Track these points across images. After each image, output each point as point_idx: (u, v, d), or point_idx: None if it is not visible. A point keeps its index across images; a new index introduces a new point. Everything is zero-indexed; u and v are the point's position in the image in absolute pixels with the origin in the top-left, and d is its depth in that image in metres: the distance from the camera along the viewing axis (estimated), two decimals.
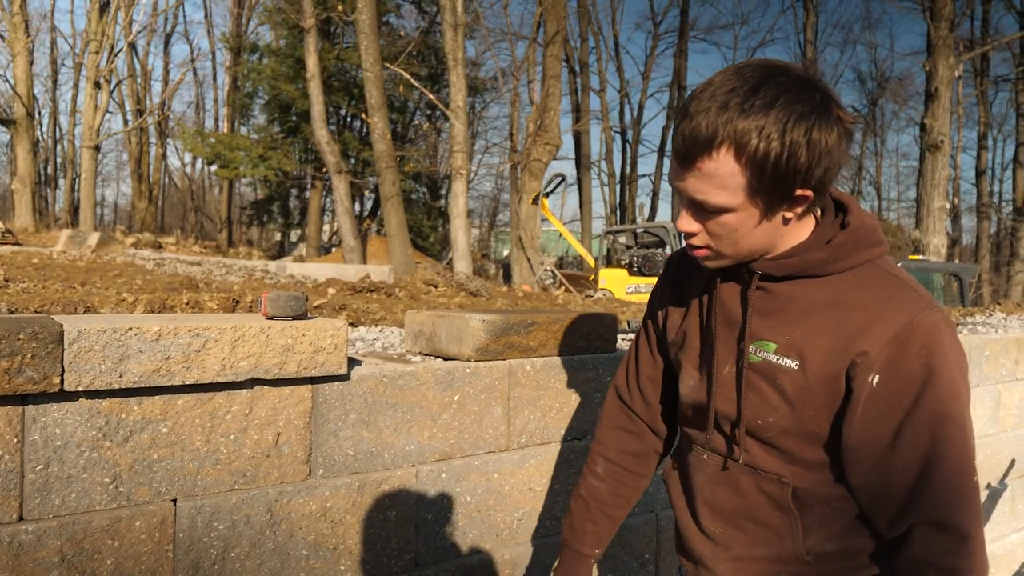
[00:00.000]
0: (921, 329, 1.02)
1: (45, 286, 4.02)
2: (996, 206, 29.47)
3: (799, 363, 1.08)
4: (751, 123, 0.97)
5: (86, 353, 1.27)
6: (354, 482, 1.61)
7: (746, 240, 1.07)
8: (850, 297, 1.07)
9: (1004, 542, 3.39)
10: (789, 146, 0.97)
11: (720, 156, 0.99)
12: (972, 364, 3.14)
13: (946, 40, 14.38)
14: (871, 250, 1.10)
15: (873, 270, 1.09)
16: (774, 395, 1.10)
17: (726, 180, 1.01)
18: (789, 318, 1.10)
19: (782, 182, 1.00)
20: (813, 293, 1.09)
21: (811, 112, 0.98)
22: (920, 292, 1.07)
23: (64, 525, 1.29)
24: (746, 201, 1.02)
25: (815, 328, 1.07)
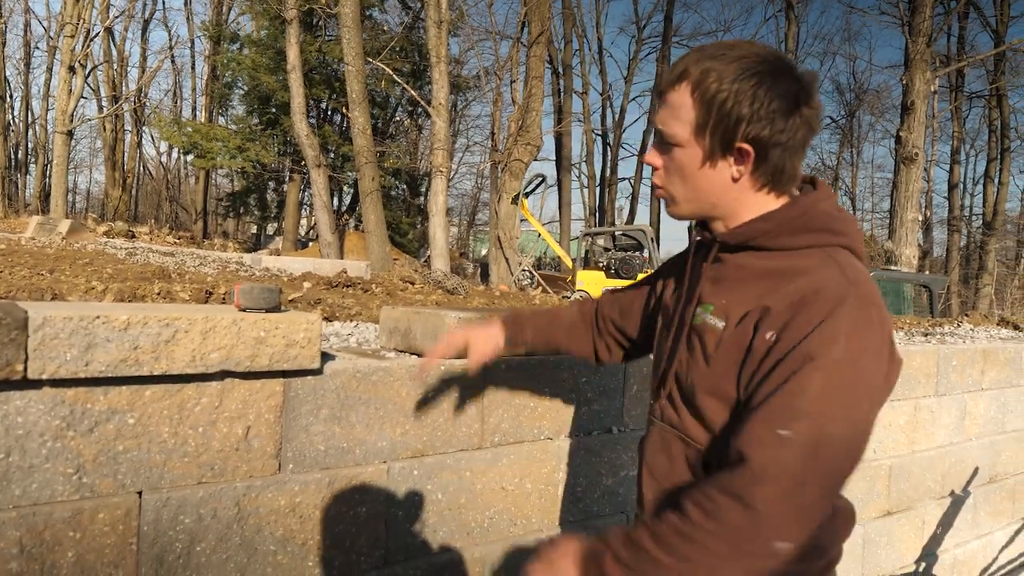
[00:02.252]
0: (823, 297, 1.04)
1: (12, 272, 3.94)
2: (967, 220, 30.07)
3: (724, 324, 1.14)
4: (713, 65, 1.09)
5: (51, 341, 1.24)
6: (324, 478, 1.60)
7: (691, 182, 1.15)
8: (782, 268, 1.11)
9: (966, 548, 3.46)
10: (735, 93, 1.07)
11: (681, 89, 1.12)
12: (940, 374, 3.20)
13: (923, 55, 14.64)
14: (818, 234, 1.12)
15: (816, 254, 1.11)
16: (699, 352, 1.17)
17: (681, 112, 1.12)
18: (730, 284, 1.17)
19: (723, 126, 1.08)
20: (754, 264, 1.15)
21: (768, 75, 1.07)
22: (849, 275, 1.07)
23: (24, 516, 1.27)
24: (692, 137, 1.11)
25: (745, 294, 1.13)
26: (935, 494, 3.26)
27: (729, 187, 1.14)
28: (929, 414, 3.17)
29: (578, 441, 2.02)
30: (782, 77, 1.08)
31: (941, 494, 3.30)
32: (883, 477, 2.99)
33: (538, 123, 14.37)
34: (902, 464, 3.07)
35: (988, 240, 25.08)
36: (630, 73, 31.71)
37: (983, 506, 3.53)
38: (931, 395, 3.17)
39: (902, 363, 1.13)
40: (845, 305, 1.03)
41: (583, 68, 29.62)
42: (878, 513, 2.99)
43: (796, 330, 1.03)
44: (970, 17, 24.72)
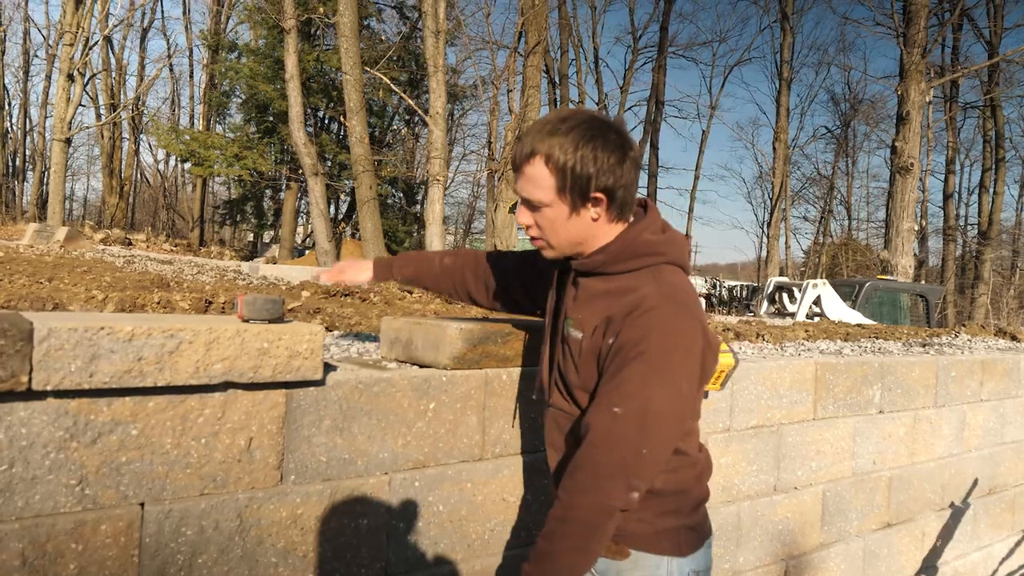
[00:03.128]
0: (643, 307, 1.35)
1: (12, 281, 3.92)
2: (962, 229, 30.17)
3: (582, 334, 1.44)
4: (555, 140, 1.36)
5: (56, 352, 1.24)
6: (326, 489, 1.59)
7: (563, 231, 1.43)
8: (618, 287, 1.42)
9: (966, 560, 3.45)
10: (580, 158, 1.35)
11: (535, 163, 1.38)
12: (938, 385, 3.21)
13: (918, 66, 14.73)
14: (644, 258, 1.43)
15: (644, 274, 1.42)
16: (570, 358, 1.47)
17: (541, 181, 1.39)
18: (583, 302, 1.47)
19: (578, 184, 1.36)
20: (598, 286, 1.46)
21: (597, 137, 1.36)
22: (667, 290, 1.38)
23: (27, 527, 1.26)
24: (556, 197, 1.39)
25: (593, 310, 1.43)
26: (935, 506, 3.26)
27: (590, 226, 1.43)
28: (928, 425, 3.18)
29: None
30: (609, 134, 1.37)
31: (941, 506, 3.30)
32: (883, 489, 2.99)
33: None
34: (902, 475, 3.07)
35: (983, 250, 25.16)
36: (626, 83, 31.84)
37: (983, 518, 3.53)
38: (930, 406, 3.18)
39: (718, 346, 1.52)
40: (659, 310, 1.34)
41: (579, 78, 29.72)
42: (878, 525, 2.99)
43: (625, 334, 1.34)
44: (964, 28, 24.92)
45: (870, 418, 2.91)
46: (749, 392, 2.46)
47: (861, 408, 2.87)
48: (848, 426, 2.82)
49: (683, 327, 1.35)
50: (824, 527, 2.76)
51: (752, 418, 2.48)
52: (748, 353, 2.95)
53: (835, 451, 2.78)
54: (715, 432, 2.37)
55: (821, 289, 12.26)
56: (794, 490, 2.63)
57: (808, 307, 12.04)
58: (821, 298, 12.15)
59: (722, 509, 2.40)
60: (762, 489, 2.53)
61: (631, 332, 1.33)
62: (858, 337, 4.51)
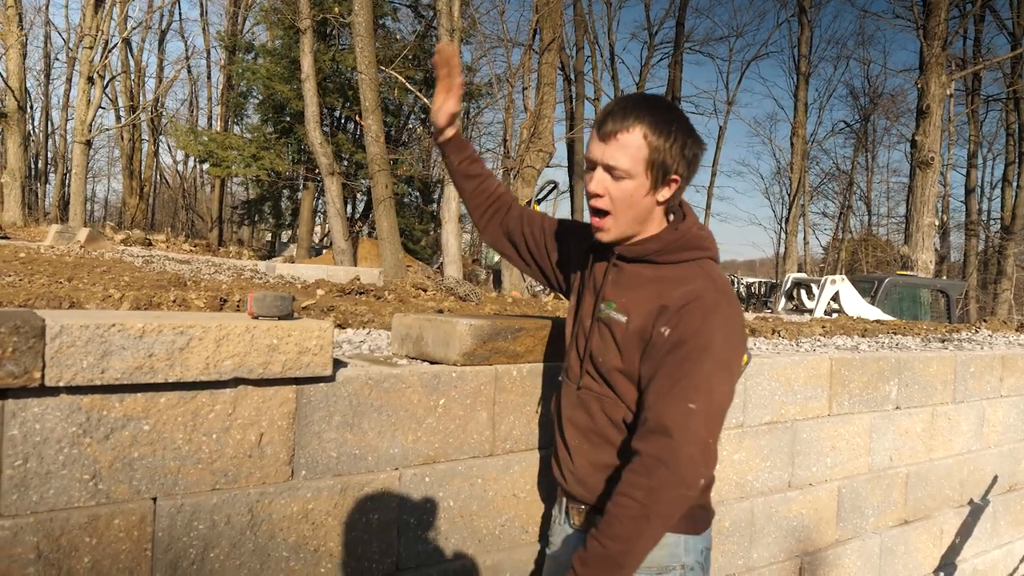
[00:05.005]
0: (703, 301, 1.41)
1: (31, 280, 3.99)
2: (984, 224, 29.72)
3: (627, 318, 1.47)
4: (658, 117, 1.42)
5: (68, 348, 1.26)
6: (337, 484, 1.60)
7: (636, 206, 1.45)
8: (667, 277, 1.47)
9: (986, 558, 3.41)
10: (675, 139, 1.42)
11: (634, 132, 1.41)
12: (957, 381, 3.17)
13: (939, 58, 14.52)
14: (692, 251, 1.49)
15: (691, 265, 1.48)
16: (610, 341, 1.50)
17: (635, 151, 1.41)
18: (628, 287, 1.51)
19: (665, 162, 1.42)
20: (646, 273, 1.50)
21: (691, 129, 1.46)
22: (718, 285, 1.45)
23: (42, 522, 1.28)
24: (643, 170, 1.42)
25: (641, 296, 1.48)
26: (953, 502, 3.22)
27: (652, 208, 1.47)
28: (947, 421, 3.14)
29: None
30: (693, 129, 1.46)
31: (960, 503, 3.25)
32: (899, 485, 2.96)
33: (550, 130, 14.37)
34: (919, 472, 3.04)
35: (1006, 244, 24.78)
36: (642, 79, 31.69)
37: (1003, 515, 3.48)
38: (949, 402, 3.14)
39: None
40: (719, 307, 1.41)
41: (595, 74, 29.63)
42: (895, 522, 2.96)
43: (685, 327, 1.39)
44: (986, 20, 24.53)
45: (887, 414, 2.88)
46: (763, 388, 2.45)
47: (878, 404, 2.84)
48: (864, 422, 2.79)
49: (739, 325, 1.44)
50: (840, 524, 2.74)
51: (766, 414, 2.46)
52: (763, 349, 2.93)
53: (851, 447, 2.75)
54: (728, 428, 2.35)
55: (839, 285, 12.15)
56: (809, 486, 2.61)
57: (826, 303, 11.93)
58: (839, 294, 12.04)
59: (735, 505, 2.39)
60: (776, 485, 2.52)
61: (691, 324, 1.38)
62: (876, 333, 4.46)
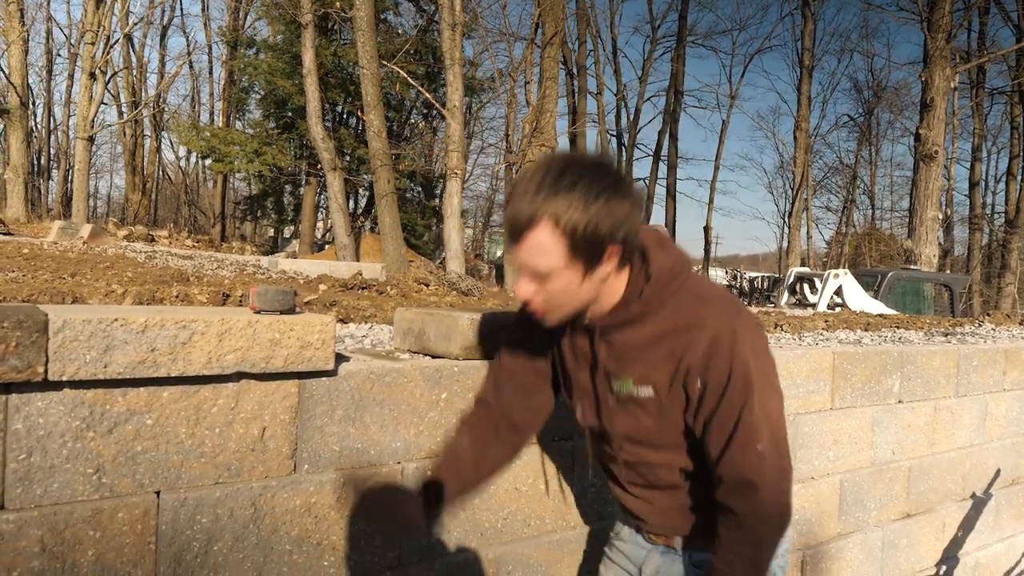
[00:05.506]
0: (723, 341, 1.31)
1: (35, 276, 4.00)
2: (988, 218, 29.63)
3: (653, 389, 1.37)
4: (560, 200, 1.19)
5: (71, 343, 1.26)
6: (339, 478, 1.61)
7: (575, 297, 1.31)
8: (669, 328, 1.35)
9: (988, 551, 3.41)
10: (595, 216, 1.20)
11: (541, 229, 1.21)
12: (960, 375, 3.16)
13: (943, 51, 14.46)
14: (674, 283, 1.36)
15: (682, 297, 1.35)
16: (643, 415, 1.41)
17: (549, 249, 1.22)
18: (633, 358, 1.38)
19: (593, 245, 1.22)
20: (643, 333, 1.37)
21: (606, 186, 1.21)
22: (721, 305, 1.35)
23: (46, 515, 1.29)
24: (568, 264, 1.24)
25: (654, 362, 1.36)
26: (956, 496, 3.22)
27: (601, 283, 1.32)
28: (949, 415, 3.14)
29: None
30: (613, 179, 1.23)
31: (962, 496, 3.25)
32: (902, 479, 2.96)
33: (552, 124, 14.36)
34: (921, 465, 3.04)
35: (1010, 238, 24.71)
36: (645, 73, 31.63)
37: (1006, 508, 3.48)
38: (951, 396, 3.13)
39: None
40: (737, 335, 1.32)
41: (597, 68, 29.59)
42: (897, 515, 2.96)
43: (717, 375, 1.31)
44: (991, 12, 24.39)
45: (889, 408, 2.87)
46: None
47: (880, 398, 2.83)
48: (866, 416, 2.79)
49: (760, 336, 1.38)
50: (842, 517, 2.74)
51: None
52: None
53: (853, 441, 2.75)
54: None
55: (843, 279, 12.13)
56: (811, 480, 2.61)
57: (829, 297, 11.92)
58: (843, 288, 12.03)
59: None
60: None
61: (722, 369, 1.31)
62: (879, 327, 4.46)
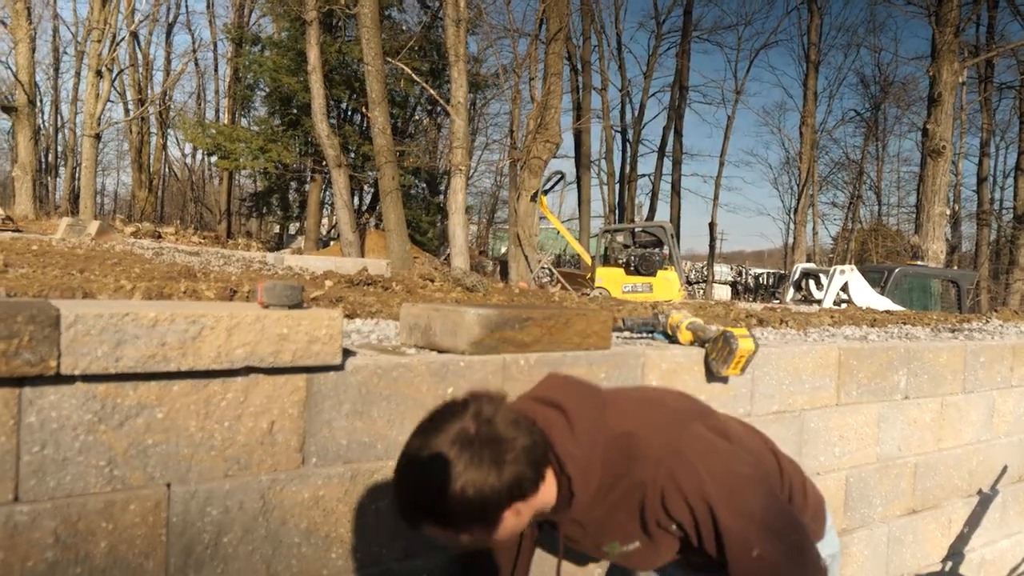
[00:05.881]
0: (668, 488, 1.33)
1: (44, 272, 4.02)
2: (996, 213, 29.47)
3: (639, 542, 1.44)
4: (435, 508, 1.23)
5: (83, 337, 1.28)
6: (347, 471, 1.62)
7: (499, 541, 1.33)
8: (615, 500, 1.39)
9: (994, 548, 3.41)
10: (467, 502, 1.21)
11: (429, 527, 1.28)
12: (967, 371, 3.16)
13: (951, 45, 14.39)
14: (593, 467, 1.36)
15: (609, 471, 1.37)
16: (645, 554, 1.47)
17: (443, 537, 1.29)
18: (603, 529, 1.45)
19: (483, 516, 1.25)
20: (596, 513, 1.42)
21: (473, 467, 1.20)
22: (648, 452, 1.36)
23: (59, 507, 1.30)
24: (468, 539, 1.28)
25: (622, 525, 1.42)
26: (962, 492, 3.22)
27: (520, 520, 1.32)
28: (956, 411, 3.14)
29: None
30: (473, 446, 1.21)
31: (968, 492, 3.25)
32: (908, 475, 2.96)
33: (557, 120, 14.34)
34: (927, 462, 3.04)
35: (1019, 234, 24.59)
36: (650, 69, 31.52)
37: (1012, 505, 3.48)
38: (958, 392, 3.13)
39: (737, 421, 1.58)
40: (679, 472, 1.33)
41: (602, 64, 29.51)
42: (902, 511, 2.96)
43: (681, 514, 1.33)
44: (1000, 5, 24.22)
45: (895, 404, 2.88)
46: (770, 378, 2.45)
47: (886, 394, 2.84)
48: (872, 412, 2.79)
49: (691, 444, 1.38)
50: (847, 513, 2.75)
51: (773, 404, 2.47)
52: (770, 339, 2.93)
53: (859, 437, 2.75)
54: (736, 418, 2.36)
55: (848, 275, 12.09)
56: (816, 476, 2.61)
57: (835, 294, 11.88)
58: (848, 284, 11.99)
59: None
60: None
61: (682, 509, 1.33)
62: (885, 323, 4.45)
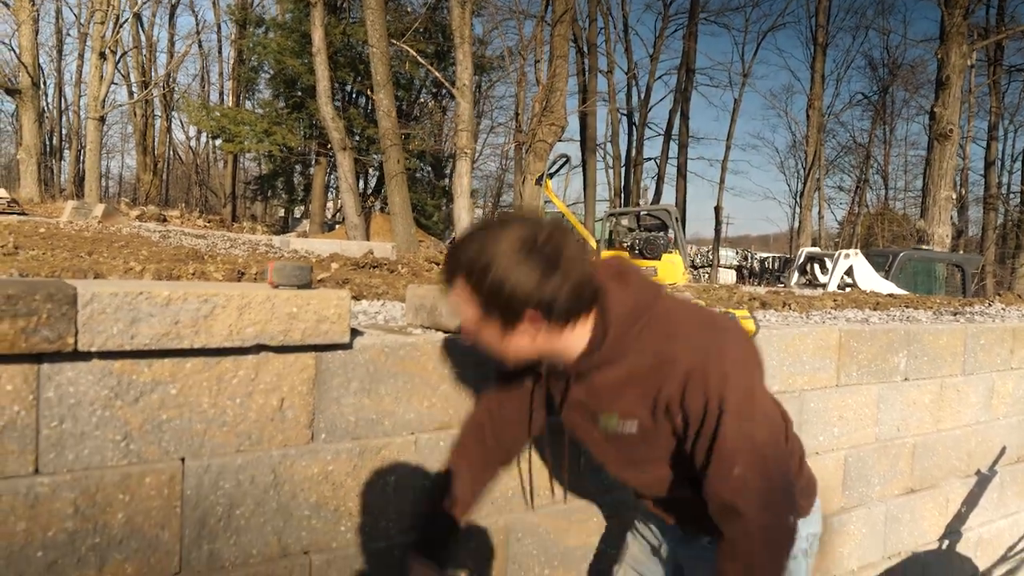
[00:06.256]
0: (695, 376, 1.31)
1: (54, 254, 4.07)
2: (1004, 197, 29.31)
3: (637, 422, 1.40)
4: (476, 261, 1.26)
5: (99, 315, 1.32)
6: (355, 447, 1.66)
7: (509, 349, 1.35)
8: (639, 368, 1.36)
9: (992, 527, 3.45)
10: (501, 279, 1.24)
11: (458, 284, 1.30)
12: (967, 353, 3.19)
13: (959, 28, 14.26)
14: (637, 325, 1.35)
15: (648, 337, 1.35)
16: (633, 443, 1.44)
17: (465, 306, 1.31)
18: (611, 397, 1.41)
19: (506, 306, 1.26)
20: (615, 375, 1.39)
21: (521, 252, 1.24)
22: (693, 338, 1.34)
23: (78, 479, 1.35)
24: (483, 319, 1.30)
25: (631, 399, 1.39)
26: (960, 472, 3.26)
27: (535, 340, 1.33)
28: (955, 393, 3.17)
29: None
30: (534, 249, 1.24)
31: (967, 473, 3.29)
32: (906, 455, 3.00)
33: (562, 103, 14.29)
34: (926, 442, 3.07)
35: None
36: (656, 51, 31.33)
37: (1010, 485, 3.52)
38: (958, 374, 3.16)
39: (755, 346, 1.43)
40: (708, 368, 1.31)
41: (608, 47, 29.31)
42: (901, 490, 3.01)
43: (693, 405, 1.32)
44: None
45: (895, 385, 2.91)
46: (771, 359, 2.48)
47: (886, 375, 2.87)
48: (872, 393, 2.83)
49: (734, 352, 1.35)
50: (846, 491, 2.79)
51: (774, 384, 2.50)
52: (772, 321, 2.96)
53: (858, 417, 2.79)
54: None
55: (853, 259, 12.09)
56: (816, 455, 2.65)
57: (840, 277, 11.89)
58: (853, 268, 11.98)
59: None
60: None
61: (698, 401, 1.31)
62: (888, 306, 4.47)
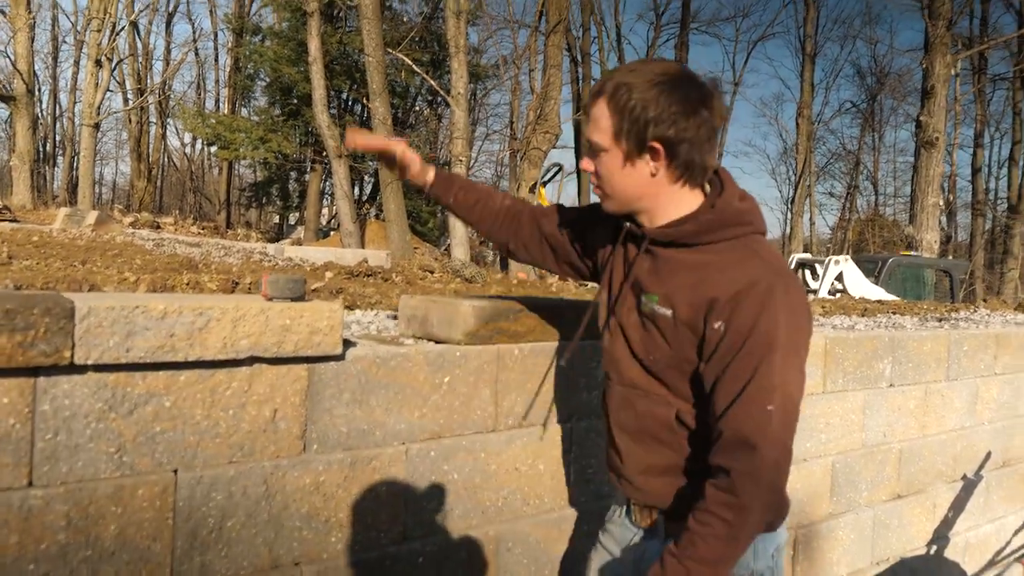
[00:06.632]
0: (758, 289, 1.28)
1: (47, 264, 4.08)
2: (991, 203, 29.51)
3: (672, 311, 1.36)
4: (624, 80, 1.30)
5: (96, 329, 1.34)
6: (347, 458, 1.69)
7: (619, 182, 1.36)
8: (710, 261, 1.34)
9: (978, 532, 3.49)
10: (642, 101, 1.27)
11: (599, 103, 1.33)
12: (951, 359, 3.23)
13: (943, 38, 14.41)
14: (735, 229, 1.36)
15: (736, 244, 1.35)
16: (658, 335, 1.39)
17: (600, 123, 1.33)
18: (666, 275, 1.38)
19: (634, 129, 1.29)
20: (684, 257, 1.37)
21: (670, 84, 1.28)
22: (769, 262, 1.33)
23: (71, 491, 1.37)
24: (613, 142, 1.32)
25: (684, 284, 1.35)
26: (947, 478, 3.30)
27: (649, 182, 1.35)
28: (940, 398, 3.21)
29: (589, 424, 2.10)
30: (683, 85, 1.29)
31: (953, 478, 3.33)
32: (893, 461, 3.04)
33: (556, 111, 14.36)
34: (912, 448, 3.11)
35: (1013, 224, 24.62)
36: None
37: (996, 490, 3.56)
38: (942, 380, 3.20)
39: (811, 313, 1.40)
40: (774, 291, 1.28)
41: (602, 56, 29.41)
42: (888, 496, 3.04)
43: (741, 320, 1.28)
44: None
45: (880, 391, 2.95)
46: None
47: (871, 381, 2.91)
48: (858, 399, 2.86)
49: (800, 305, 1.32)
50: (833, 498, 2.82)
51: None
52: None
53: (845, 424, 2.82)
54: None
55: (843, 265, 12.16)
56: (803, 462, 2.69)
57: (830, 283, 11.96)
58: (843, 274, 12.05)
59: None
60: None
61: (748, 317, 1.26)
62: (875, 313, 4.52)
